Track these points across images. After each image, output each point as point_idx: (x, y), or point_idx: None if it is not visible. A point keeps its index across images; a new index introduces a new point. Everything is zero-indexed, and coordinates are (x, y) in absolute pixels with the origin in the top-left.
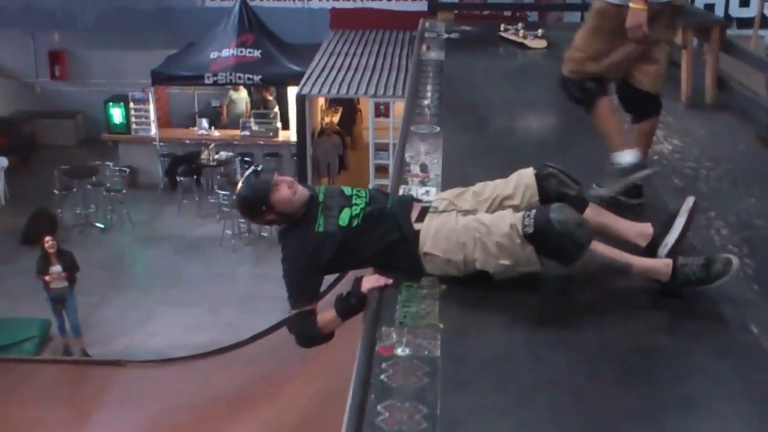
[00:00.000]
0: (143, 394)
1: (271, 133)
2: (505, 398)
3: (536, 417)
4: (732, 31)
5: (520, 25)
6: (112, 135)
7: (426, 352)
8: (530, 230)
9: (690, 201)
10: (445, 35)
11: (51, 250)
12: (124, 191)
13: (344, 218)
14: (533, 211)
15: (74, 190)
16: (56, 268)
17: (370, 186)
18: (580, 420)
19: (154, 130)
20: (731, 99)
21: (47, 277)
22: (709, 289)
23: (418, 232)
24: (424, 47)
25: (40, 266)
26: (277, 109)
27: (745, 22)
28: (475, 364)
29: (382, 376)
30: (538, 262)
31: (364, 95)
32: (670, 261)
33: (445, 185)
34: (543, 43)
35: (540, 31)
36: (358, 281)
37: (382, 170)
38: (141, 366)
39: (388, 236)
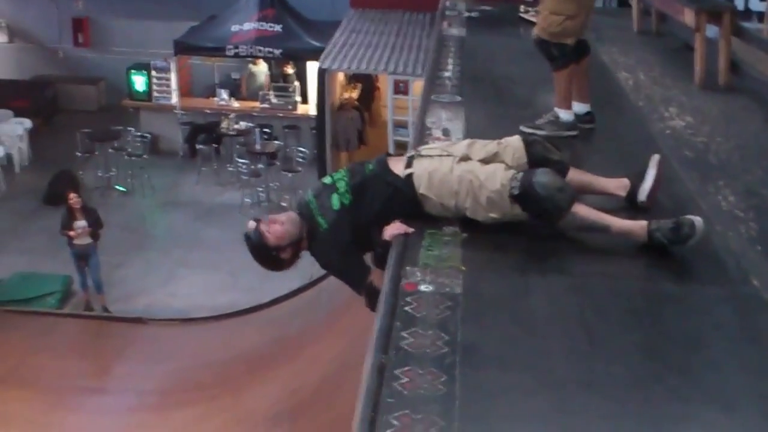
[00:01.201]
0: (163, 351)
1: (290, 107)
2: (520, 330)
3: (548, 345)
4: (752, 24)
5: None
6: (133, 102)
7: (448, 289)
8: (516, 192)
9: (656, 157)
10: (466, 13)
11: (76, 206)
12: (145, 156)
13: (335, 203)
14: (520, 174)
15: (96, 153)
16: (81, 223)
17: None
18: (591, 350)
19: (175, 99)
20: (743, 82)
21: (71, 233)
22: (708, 247)
23: (409, 175)
24: (445, 24)
25: (65, 222)
26: (297, 83)
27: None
28: (493, 301)
29: (407, 308)
30: (525, 216)
31: (384, 72)
32: (645, 224)
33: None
34: None
35: None
36: (381, 231)
37: (401, 146)
38: (161, 324)
39: (379, 194)
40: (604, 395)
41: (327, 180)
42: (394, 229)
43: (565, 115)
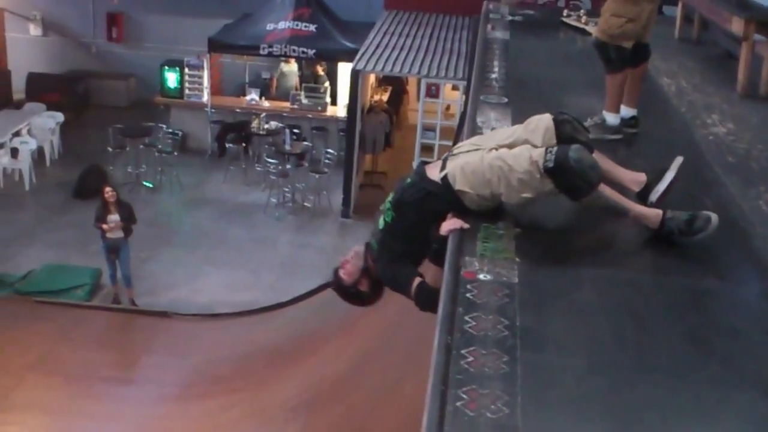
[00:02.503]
0: (187, 345)
1: (319, 108)
2: (573, 317)
3: (600, 332)
4: None
5: (582, 11)
6: (165, 99)
7: (505, 279)
8: (550, 165)
9: (679, 159)
10: (509, 17)
11: (111, 200)
12: (175, 153)
13: (381, 223)
14: (555, 148)
15: (127, 149)
16: (114, 217)
17: (414, 164)
18: (639, 338)
19: (206, 97)
20: None
21: (105, 226)
22: (749, 248)
23: (444, 177)
24: (489, 27)
25: (99, 215)
26: (327, 84)
27: None
28: (548, 291)
29: (468, 295)
30: (555, 192)
31: (417, 75)
32: (660, 212)
33: None
34: None
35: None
36: (436, 226)
37: (427, 150)
38: (186, 319)
39: (416, 200)
40: (653, 380)
41: (381, 206)
42: (450, 224)
43: (611, 118)
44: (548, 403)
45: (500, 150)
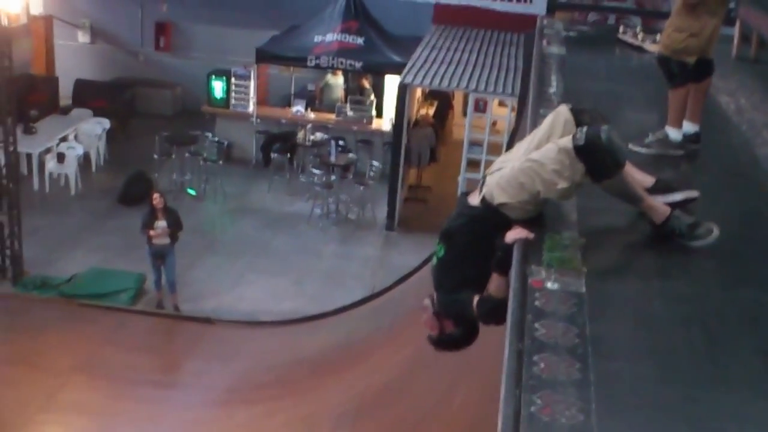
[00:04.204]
0: (231, 351)
1: (365, 120)
2: (644, 327)
3: (671, 343)
4: None
5: (638, 28)
6: (211, 108)
7: (573, 288)
8: (581, 142)
9: (695, 193)
10: (564, 33)
11: (159, 207)
12: (220, 162)
13: (434, 261)
14: (585, 127)
15: (172, 156)
16: (161, 224)
17: (460, 178)
18: (711, 350)
19: (252, 107)
20: None
21: (152, 232)
22: None
23: (483, 198)
24: (544, 42)
25: (146, 221)
26: (373, 97)
27: None
28: (616, 301)
29: (536, 303)
30: (586, 178)
31: (465, 89)
32: (668, 209)
33: None
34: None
35: (658, 36)
36: (501, 235)
37: (474, 165)
38: (229, 326)
39: (462, 227)
40: (727, 391)
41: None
42: (515, 233)
43: (674, 133)
44: (623, 410)
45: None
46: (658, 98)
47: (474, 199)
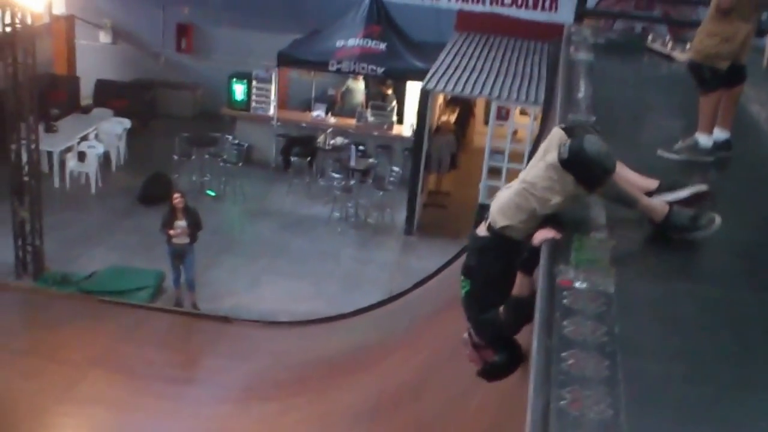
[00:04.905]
0: (248, 350)
1: (385, 126)
2: (673, 329)
3: (701, 344)
4: None
5: (668, 37)
6: (231, 110)
7: (601, 288)
8: (565, 156)
9: (703, 187)
10: (591, 40)
11: (179, 206)
12: (239, 164)
13: (462, 295)
14: (568, 141)
15: (192, 158)
16: (181, 223)
17: (481, 185)
18: (742, 353)
19: (272, 110)
20: None
21: (171, 231)
22: None
23: (489, 225)
24: (572, 48)
25: (166, 220)
26: (394, 102)
27: None
28: (645, 302)
29: (565, 301)
30: (580, 191)
31: (488, 97)
32: (666, 206)
33: None
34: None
35: (687, 45)
36: (530, 236)
37: (495, 173)
38: (247, 325)
39: (477, 260)
40: (758, 393)
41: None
42: (543, 234)
43: (704, 140)
44: (652, 408)
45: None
46: (687, 106)
47: (480, 230)
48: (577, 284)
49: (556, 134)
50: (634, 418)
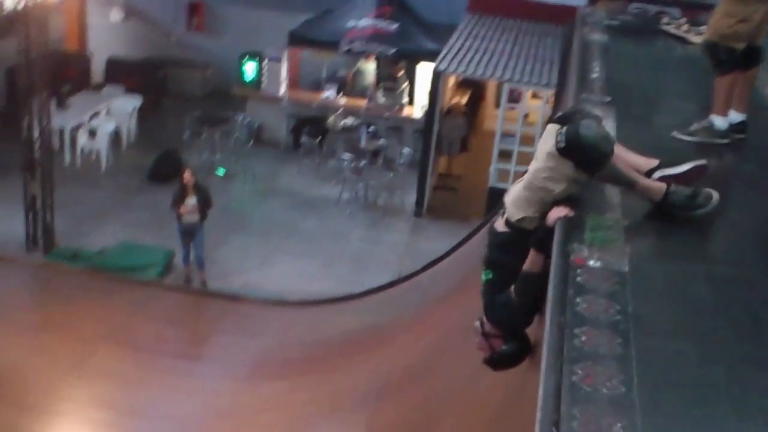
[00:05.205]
0: (257, 328)
1: (396, 107)
2: (687, 308)
3: (716, 324)
4: None
5: (683, 20)
6: (242, 89)
7: (615, 267)
8: (562, 144)
9: (703, 162)
10: (606, 21)
11: (189, 184)
12: (249, 144)
13: (482, 278)
14: (564, 128)
15: (203, 136)
16: (191, 201)
17: (491, 168)
18: (758, 333)
19: (283, 90)
20: None
21: (182, 209)
22: None
23: (506, 220)
24: (586, 29)
25: (177, 197)
26: (405, 84)
27: None
28: (659, 282)
29: (578, 279)
30: (580, 177)
31: (500, 79)
32: (664, 185)
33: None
34: None
35: (703, 28)
36: (544, 218)
37: (505, 155)
38: (256, 303)
39: (499, 253)
40: None
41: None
42: (557, 212)
43: (720, 122)
44: (665, 385)
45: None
46: (702, 89)
47: (499, 225)
48: (591, 263)
49: (550, 129)
50: (647, 395)
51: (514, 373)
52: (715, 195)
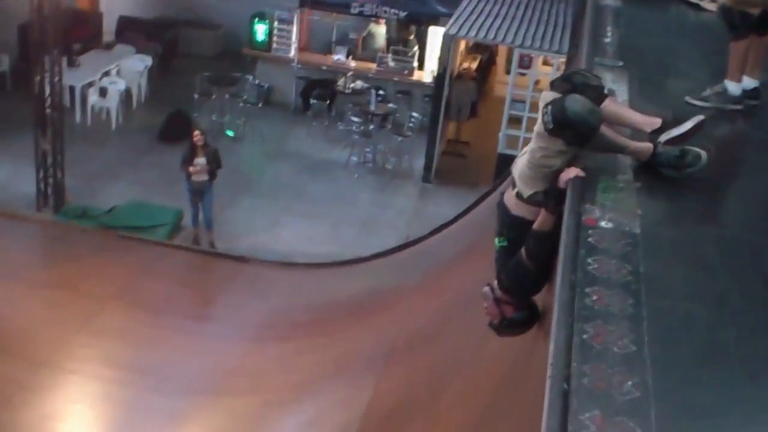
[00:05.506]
0: (265, 289)
1: (406, 71)
2: (699, 271)
3: (728, 287)
4: None
5: None
6: (252, 51)
7: (627, 228)
8: (550, 126)
9: (700, 117)
10: None
11: (199, 143)
12: (259, 105)
13: (496, 245)
14: (549, 106)
15: (213, 97)
16: (201, 161)
17: (500, 134)
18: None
19: (293, 52)
20: None
21: (191, 168)
22: None
23: (518, 194)
24: None
25: (186, 157)
26: (416, 48)
27: None
28: (671, 245)
29: (590, 239)
30: (572, 150)
31: (511, 44)
32: (651, 145)
33: (631, 105)
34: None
35: None
36: (555, 178)
37: (515, 122)
38: (264, 265)
39: (513, 230)
40: None
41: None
42: (568, 174)
43: (733, 87)
44: (676, 345)
45: None
46: (716, 55)
47: (510, 199)
48: (603, 223)
49: (544, 99)
50: (657, 355)
51: (522, 338)
52: (704, 155)
